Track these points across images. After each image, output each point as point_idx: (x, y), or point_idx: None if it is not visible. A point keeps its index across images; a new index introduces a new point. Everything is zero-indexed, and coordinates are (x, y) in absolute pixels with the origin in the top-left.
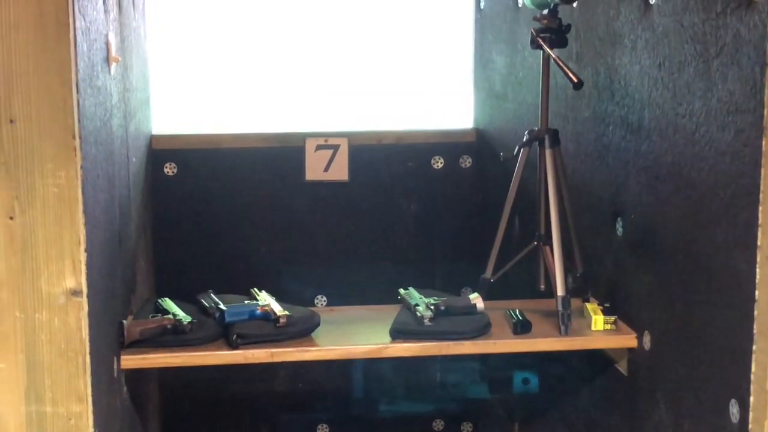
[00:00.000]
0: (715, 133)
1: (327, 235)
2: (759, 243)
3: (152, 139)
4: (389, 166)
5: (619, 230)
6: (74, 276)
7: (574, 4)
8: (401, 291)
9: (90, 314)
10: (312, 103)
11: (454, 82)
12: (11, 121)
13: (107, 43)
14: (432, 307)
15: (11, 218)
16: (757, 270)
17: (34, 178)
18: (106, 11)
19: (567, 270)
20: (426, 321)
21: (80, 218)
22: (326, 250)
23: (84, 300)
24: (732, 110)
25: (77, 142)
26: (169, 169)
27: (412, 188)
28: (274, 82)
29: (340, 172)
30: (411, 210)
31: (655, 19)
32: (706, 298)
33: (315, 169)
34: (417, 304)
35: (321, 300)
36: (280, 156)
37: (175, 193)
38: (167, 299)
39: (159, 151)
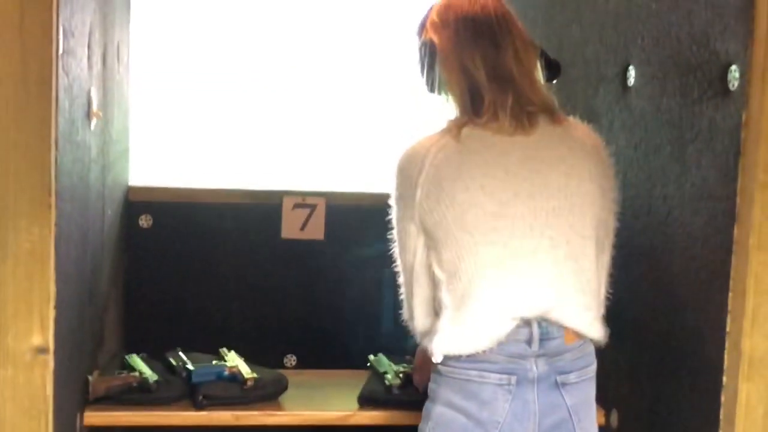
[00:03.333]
0: (689, 218)
1: (300, 294)
2: (728, 329)
3: (129, 191)
4: (366, 228)
5: None
6: (42, 333)
7: (554, 81)
8: (371, 357)
9: (56, 371)
10: (290, 162)
11: None
12: None
13: (89, 99)
14: (401, 375)
15: None
16: (725, 356)
17: (7, 233)
18: (90, 66)
19: None
20: (394, 390)
21: (51, 275)
22: (299, 309)
23: (50, 357)
24: (705, 196)
25: (53, 199)
26: (145, 221)
27: (389, 251)
28: (252, 140)
29: (316, 231)
30: (386, 274)
31: (632, 101)
32: (675, 381)
33: (291, 228)
34: (386, 372)
35: (291, 360)
36: (257, 213)
37: (149, 246)
38: (134, 356)
39: (135, 203)
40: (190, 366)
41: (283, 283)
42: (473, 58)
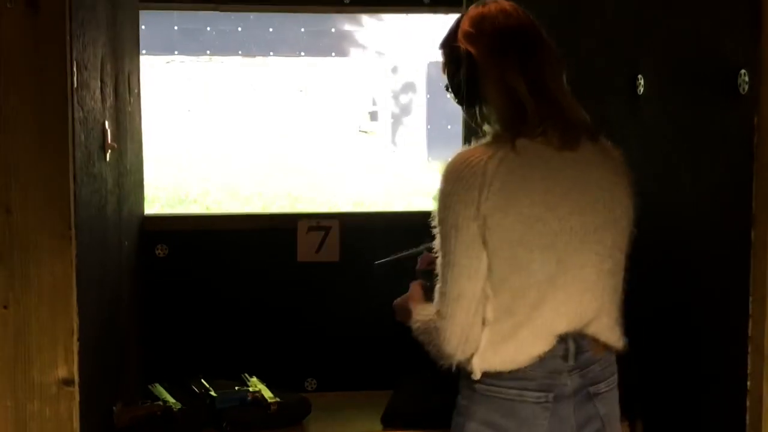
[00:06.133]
0: (705, 225)
1: (318, 317)
2: (750, 333)
3: (144, 220)
4: (381, 248)
5: None
6: (66, 365)
7: None
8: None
9: (81, 403)
10: (303, 184)
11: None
12: (7, 211)
13: (104, 131)
14: None
15: (5, 307)
16: (749, 360)
17: (29, 267)
18: (103, 99)
19: None
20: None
21: (74, 307)
22: (317, 332)
23: (75, 390)
24: (720, 202)
25: (72, 231)
26: (161, 250)
27: (405, 270)
28: (268, 163)
29: (331, 253)
30: (402, 293)
31: (643, 110)
32: (699, 388)
33: (307, 251)
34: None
35: (311, 383)
36: (272, 237)
37: (166, 275)
38: (158, 385)
39: (151, 233)
40: (213, 392)
41: (300, 307)
42: (513, 71)
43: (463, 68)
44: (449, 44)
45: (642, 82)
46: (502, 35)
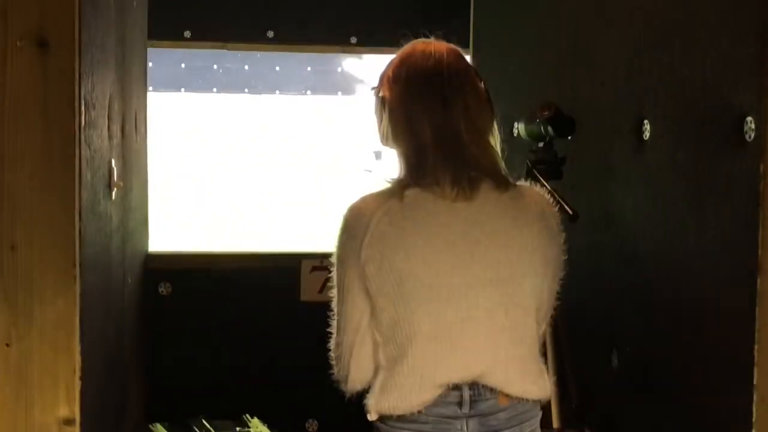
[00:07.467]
0: (710, 270)
1: (320, 357)
2: (755, 381)
3: (147, 258)
4: None
5: (615, 361)
6: (68, 405)
7: (569, 137)
8: None
9: None
10: (307, 223)
11: None
12: (12, 248)
13: (110, 170)
14: None
15: (7, 345)
16: (753, 409)
17: (32, 305)
18: (110, 138)
19: (562, 402)
20: None
21: (77, 346)
22: (319, 373)
23: (77, 429)
24: (726, 248)
25: (77, 269)
26: (164, 288)
27: None
28: (272, 201)
29: None
30: None
31: (648, 154)
32: None
33: (310, 290)
34: None
35: (312, 425)
36: (275, 276)
37: (168, 313)
38: (159, 424)
39: (154, 271)
40: None
41: (302, 347)
42: (419, 116)
43: (378, 112)
44: (377, 86)
45: (648, 127)
46: (415, 80)
